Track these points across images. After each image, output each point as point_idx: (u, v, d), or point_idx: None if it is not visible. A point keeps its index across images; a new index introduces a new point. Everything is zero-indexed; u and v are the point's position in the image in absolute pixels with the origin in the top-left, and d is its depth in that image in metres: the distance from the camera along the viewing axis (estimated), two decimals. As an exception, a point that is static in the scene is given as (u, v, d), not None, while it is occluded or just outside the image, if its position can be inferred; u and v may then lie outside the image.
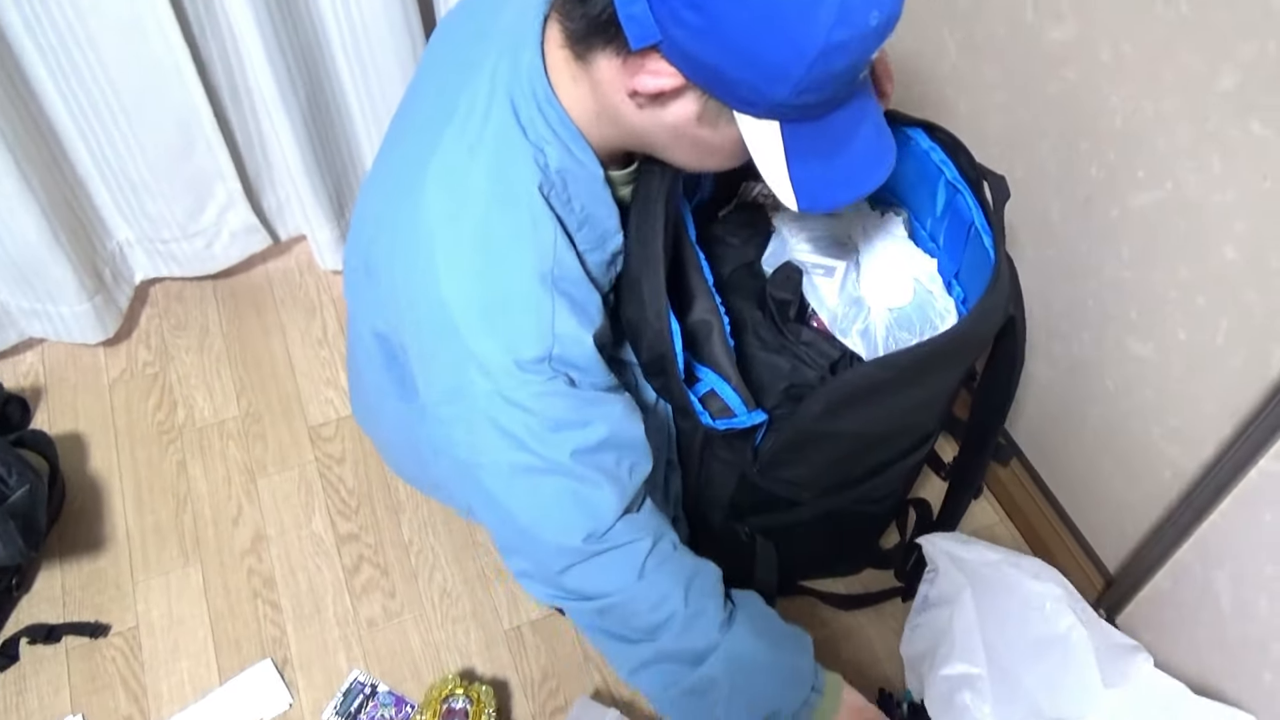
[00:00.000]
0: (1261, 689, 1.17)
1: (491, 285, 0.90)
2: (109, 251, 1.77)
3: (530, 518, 0.98)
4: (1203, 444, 1.21)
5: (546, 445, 0.93)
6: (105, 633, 1.48)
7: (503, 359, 0.90)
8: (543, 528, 0.98)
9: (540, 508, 0.97)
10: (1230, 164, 1.06)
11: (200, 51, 1.59)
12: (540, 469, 0.94)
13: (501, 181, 0.91)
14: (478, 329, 0.90)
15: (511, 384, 0.91)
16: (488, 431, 0.93)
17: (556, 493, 0.96)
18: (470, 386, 0.92)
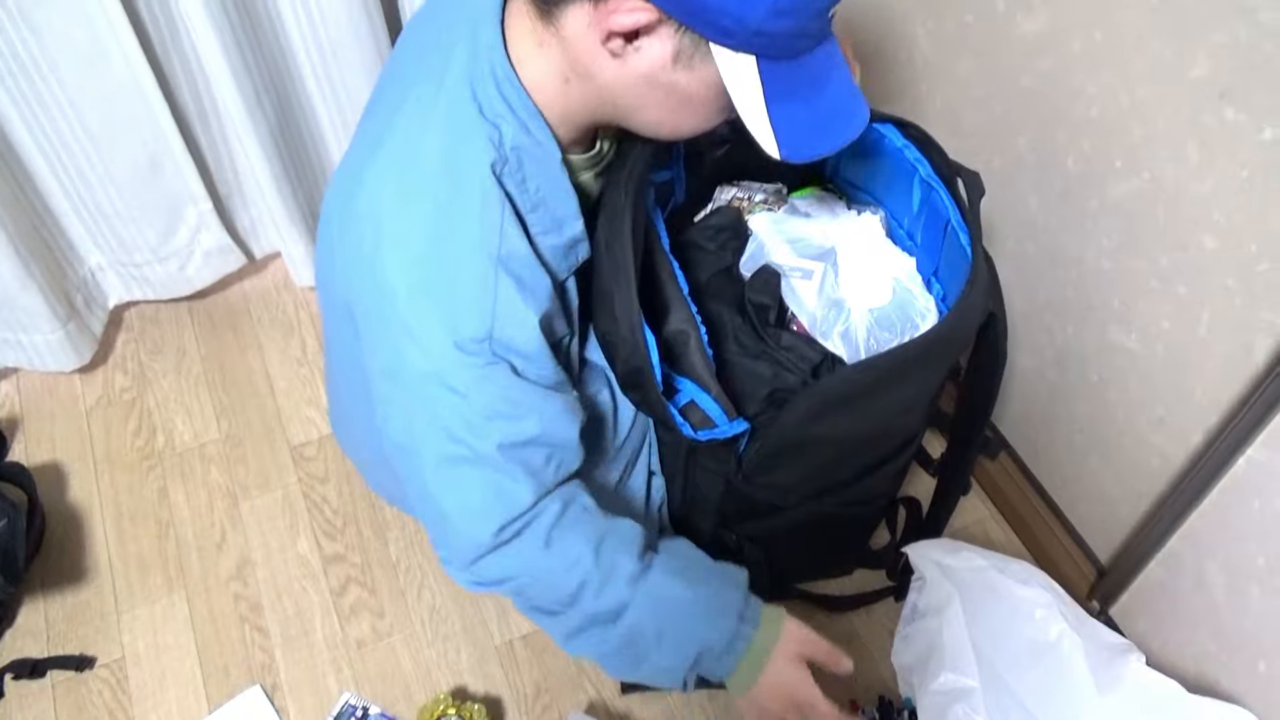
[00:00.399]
0: (1257, 678, 1.17)
1: (435, 262, 0.88)
2: (80, 277, 1.75)
3: (450, 507, 0.97)
4: (1190, 433, 1.20)
5: (475, 434, 0.92)
6: (91, 665, 1.46)
7: (442, 338, 0.88)
8: (460, 518, 0.97)
9: (460, 498, 0.96)
10: (1207, 152, 1.05)
11: (165, 73, 1.57)
12: (467, 459, 0.93)
13: (452, 159, 0.89)
14: (419, 306, 0.89)
15: (448, 365, 0.89)
16: (420, 414, 0.92)
17: (478, 484, 0.94)
18: (408, 365, 0.90)
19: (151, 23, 1.51)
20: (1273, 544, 1.10)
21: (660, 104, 0.90)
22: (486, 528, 0.95)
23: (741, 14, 0.79)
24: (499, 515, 0.95)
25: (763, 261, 1.21)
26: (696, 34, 0.82)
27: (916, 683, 1.21)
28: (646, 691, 1.41)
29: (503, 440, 0.92)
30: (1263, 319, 1.05)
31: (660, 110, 0.92)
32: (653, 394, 1.04)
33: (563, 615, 1.01)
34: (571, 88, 0.91)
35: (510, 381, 0.92)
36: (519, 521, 0.96)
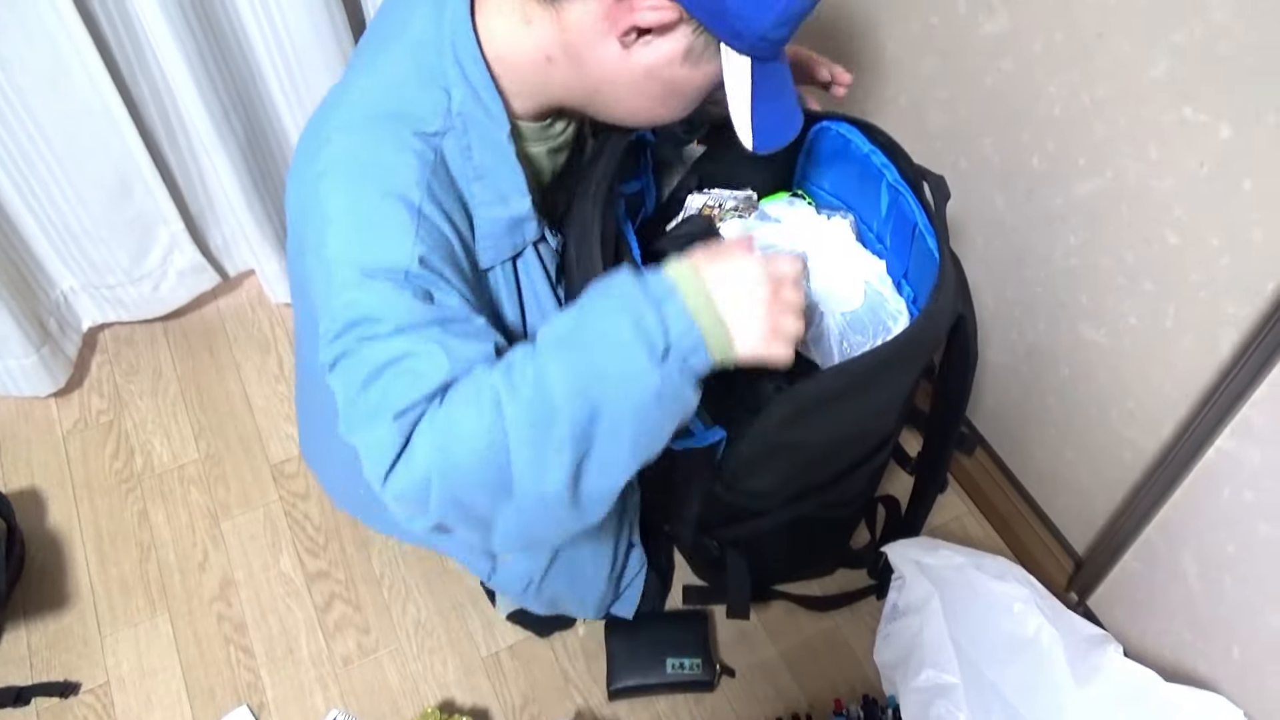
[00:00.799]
0: (1232, 665, 1.18)
1: (358, 202, 0.87)
2: (53, 300, 1.74)
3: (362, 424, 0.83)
4: (1160, 425, 1.22)
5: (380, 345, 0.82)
6: (76, 691, 1.45)
7: (352, 268, 0.84)
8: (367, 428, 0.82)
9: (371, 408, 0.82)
10: (1166, 150, 1.07)
11: (131, 94, 1.56)
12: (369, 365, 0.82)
13: (389, 114, 0.89)
14: (342, 238, 0.86)
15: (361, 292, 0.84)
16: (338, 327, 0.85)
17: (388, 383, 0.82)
18: (328, 281, 0.86)
19: (115, 42, 1.50)
20: (1243, 532, 1.12)
21: (648, 95, 0.94)
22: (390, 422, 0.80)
23: (754, 20, 0.85)
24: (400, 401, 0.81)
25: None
26: (710, 35, 0.88)
27: (899, 680, 1.22)
28: (633, 698, 1.42)
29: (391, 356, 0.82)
30: (1227, 312, 1.07)
31: (644, 100, 0.95)
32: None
33: (504, 460, 0.79)
34: (554, 67, 0.93)
35: (420, 306, 0.84)
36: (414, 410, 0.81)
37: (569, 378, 0.78)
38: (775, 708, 1.42)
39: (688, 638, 1.43)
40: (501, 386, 0.78)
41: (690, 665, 1.40)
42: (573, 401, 0.78)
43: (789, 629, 1.50)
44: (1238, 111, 0.98)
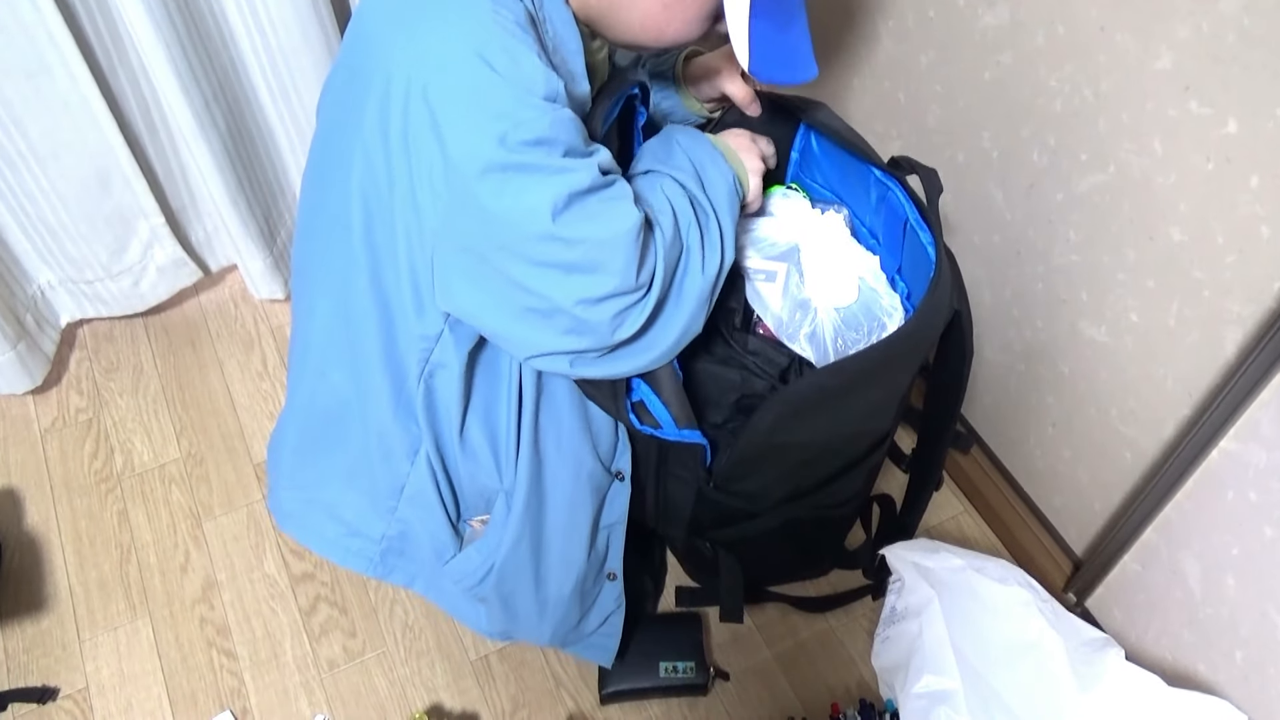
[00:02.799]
0: (1235, 668, 1.17)
1: (485, 38, 0.86)
2: (30, 296, 1.70)
3: (590, 248, 0.89)
4: (1162, 425, 1.20)
5: (574, 169, 0.88)
6: (54, 697, 1.42)
7: (522, 95, 0.86)
8: (603, 252, 0.89)
9: (593, 242, 0.89)
10: (1171, 145, 1.05)
11: (110, 86, 1.53)
12: (583, 191, 0.88)
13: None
14: (479, 69, 0.85)
15: (532, 115, 0.85)
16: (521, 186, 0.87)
17: (599, 213, 0.89)
18: (491, 137, 0.85)
19: (95, 35, 1.46)
20: (1247, 535, 1.10)
21: (656, 6, 0.95)
22: (631, 231, 0.90)
23: None
24: (628, 217, 0.90)
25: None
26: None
27: (898, 686, 1.20)
28: (626, 701, 1.40)
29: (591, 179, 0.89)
30: (1232, 310, 1.05)
31: (652, 9, 0.95)
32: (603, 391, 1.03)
33: (686, 239, 0.97)
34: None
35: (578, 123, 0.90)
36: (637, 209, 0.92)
37: (706, 192, 0.99)
38: (770, 711, 1.39)
39: (680, 640, 1.41)
40: (675, 198, 0.96)
41: (683, 669, 1.38)
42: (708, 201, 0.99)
43: (783, 631, 1.47)
44: (1244, 106, 0.96)
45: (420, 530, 1.16)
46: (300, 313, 1.16)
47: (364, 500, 1.16)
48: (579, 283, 0.89)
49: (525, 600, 1.20)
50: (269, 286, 1.82)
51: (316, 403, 1.15)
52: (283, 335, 1.85)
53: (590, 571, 1.20)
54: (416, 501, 1.14)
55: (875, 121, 1.53)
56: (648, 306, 0.92)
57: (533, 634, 1.27)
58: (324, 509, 1.19)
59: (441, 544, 1.17)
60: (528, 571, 1.18)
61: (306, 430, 1.17)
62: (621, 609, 1.28)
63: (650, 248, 0.91)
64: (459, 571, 1.18)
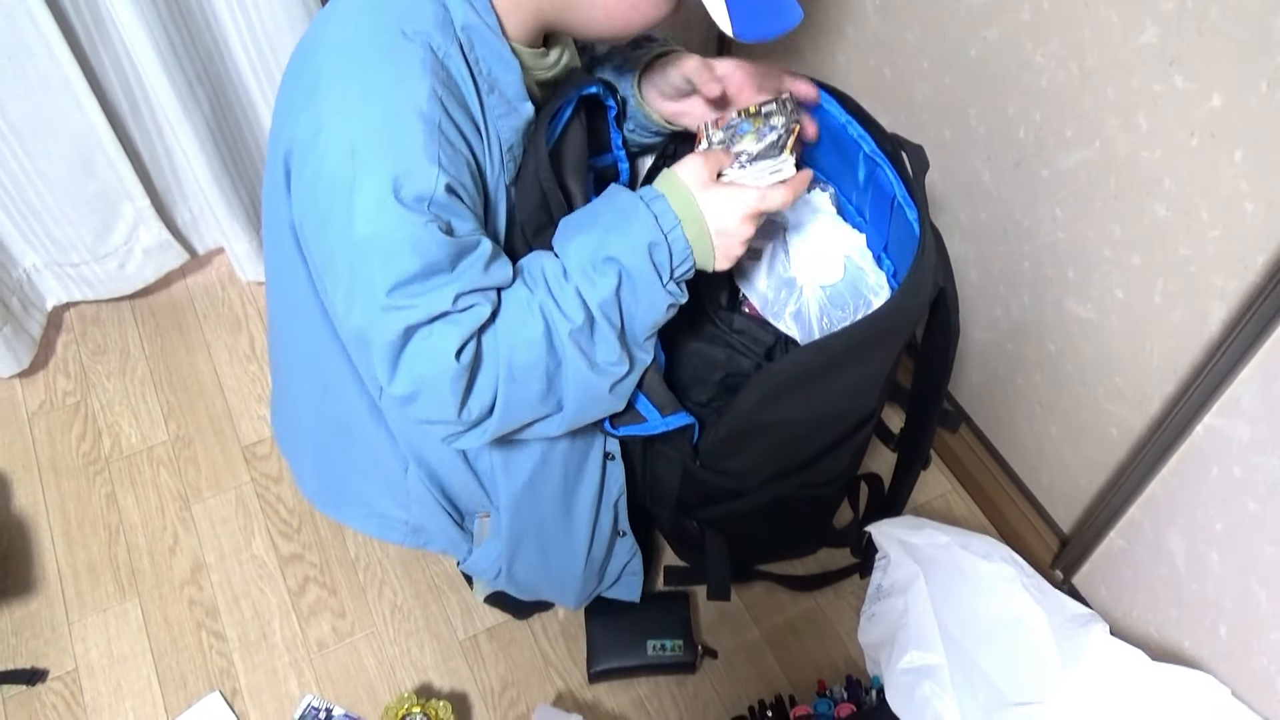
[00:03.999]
0: (1219, 642, 1.17)
1: (373, 125, 0.85)
2: (15, 279, 1.69)
3: (413, 382, 0.89)
4: (1148, 401, 1.20)
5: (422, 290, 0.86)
6: (43, 678, 1.42)
7: (373, 198, 0.84)
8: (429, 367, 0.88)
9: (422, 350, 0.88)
10: (1156, 120, 1.04)
11: (93, 67, 1.51)
12: (419, 324, 0.87)
13: (386, 27, 0.87)
14: (358, 164, 0.85)
15: (390, 220, 0.84)
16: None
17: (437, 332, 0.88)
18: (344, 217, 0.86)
19: (76, 15, 1.45)
20: (1231, 510, 1.10)
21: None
22: (451, 362, 0.87)
23: None
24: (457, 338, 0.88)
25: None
26: None
27: (883, 661, 1.21)
28: (614, 680, 1.40)
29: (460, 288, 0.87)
30: (1216, 285, 1.05)
31: (618, 6, 0.92)
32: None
33: (563, 359, 0.92)
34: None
35: (444, 239, 0.87)
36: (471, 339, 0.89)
37: (601, 294, 0.91)
38: (758, 689, 1.40)
39: (669, 619, 1.41)
40: (545, 304, 0.90)
41: (671, 647, 1.38)
42: (607, 313, 0.92)
43: (771, 609, 1.48)
44: (1228, 80, 0.95)
45: (433, 525, 1.21)
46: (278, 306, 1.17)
47: (384, 495, 1.20)
48: (412, 410, 0.91)
49: (542, 584, 1.29)
50: (255, 269, 1.81)
51: (323, 411, 1.17)
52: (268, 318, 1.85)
53: (599, 545, 1.24)
54: (422, 504, 1.18)
55: (862, 98, 1.50)
56: (485, 432, 0.93)
57: (559, 602, 1.39)
58: (353, 496, 1.23)
59: (454, 540, 1.23)
60: (536, 567, 1.23)
61: (322, 432, 1.20)
62: (638, 553, 1.31)
63: (476, 385, 0.90)
64: (475, 568, 1.26)
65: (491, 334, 0.90)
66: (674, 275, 0.94)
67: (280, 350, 1.21)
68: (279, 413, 1.33)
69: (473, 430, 0.93)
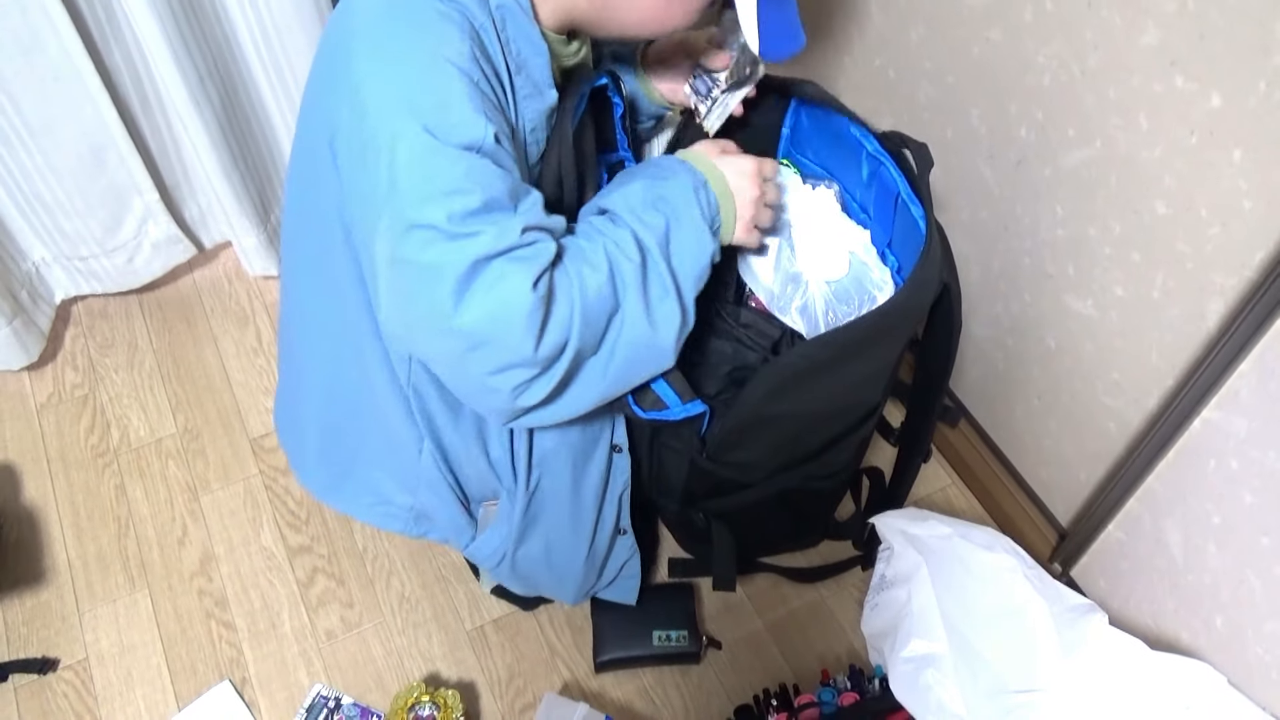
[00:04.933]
0: (1215, 633, 1.19)
1: (414, 72, 0.86)
2: (24, 272, 1.71)
3: (484, 323, 0.85)
4: (1146, 396, 1.22)
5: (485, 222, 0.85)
6: (54, 667, 1.44)
7: (432, 138, 0.84)
8: (500, 309, 0.85)
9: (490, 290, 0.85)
10: (1156, 120, 1.07)
11: (104, 61, 1.53)
12: (488, 257, 0.84)
13: (426, 6, 0.88)
14: (413, 108, 0.85)
15: (445, 165, 0.84)
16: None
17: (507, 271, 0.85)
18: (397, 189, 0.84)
19: (89, 9, 1.46)
20: (1228, 503, 1.13)
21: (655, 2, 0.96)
22: (528, 294, 0.85)
23: None
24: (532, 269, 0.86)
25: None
26: None
27: (886, 650, 1.23)
28: (619, 670, 1.42)
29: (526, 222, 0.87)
30: (1215, 281, 1.07)
31: (653, 6, 0.96)
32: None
33: (623, 302, 0.92)
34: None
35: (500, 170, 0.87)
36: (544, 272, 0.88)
37: (655, 234, 0.94)
38: (761, 679, 1.42)
39: (674, 610, 1.43)
40: (607, 245, 0.91)
41: (676, 637, 1.40)
42: (664, 252, 0.94)
43: (774, 601, 1.50)
44: (1228, 80, 0.98)
45: (439, 511, 1.21)
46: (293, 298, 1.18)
47: (390, 479, 1.21)
48: (478, 356, 0.86)
49: (543, 576, 1.28)
50: (263, 263, 1.83)
51: (335, 392, 1.18)
52: (276, 312, 1.85)
53: (601, 539, 1.25)
54: (431, 488, 1.18)
55: (866, 98, 1.55)
56: (552, 376, 0.89)
57: (556, 596, 1.39)
58: (357, 482, 1.23)
59: (459, 525, 1.23)
60: (541, 554, 1.24)
61: (329, 416, 1.21)
62: (637, 554, 1.32)
63: (551, 321, 0.86)
64: (478, 554, 1.25)
65: (562, 271, 0.88)
66: (711, 225, 0.99)
67: (295, 336, 1.21)
68: (283, 401, 1.34)
69: (542, 376, 0.88)
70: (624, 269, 0.91)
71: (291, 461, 1.32)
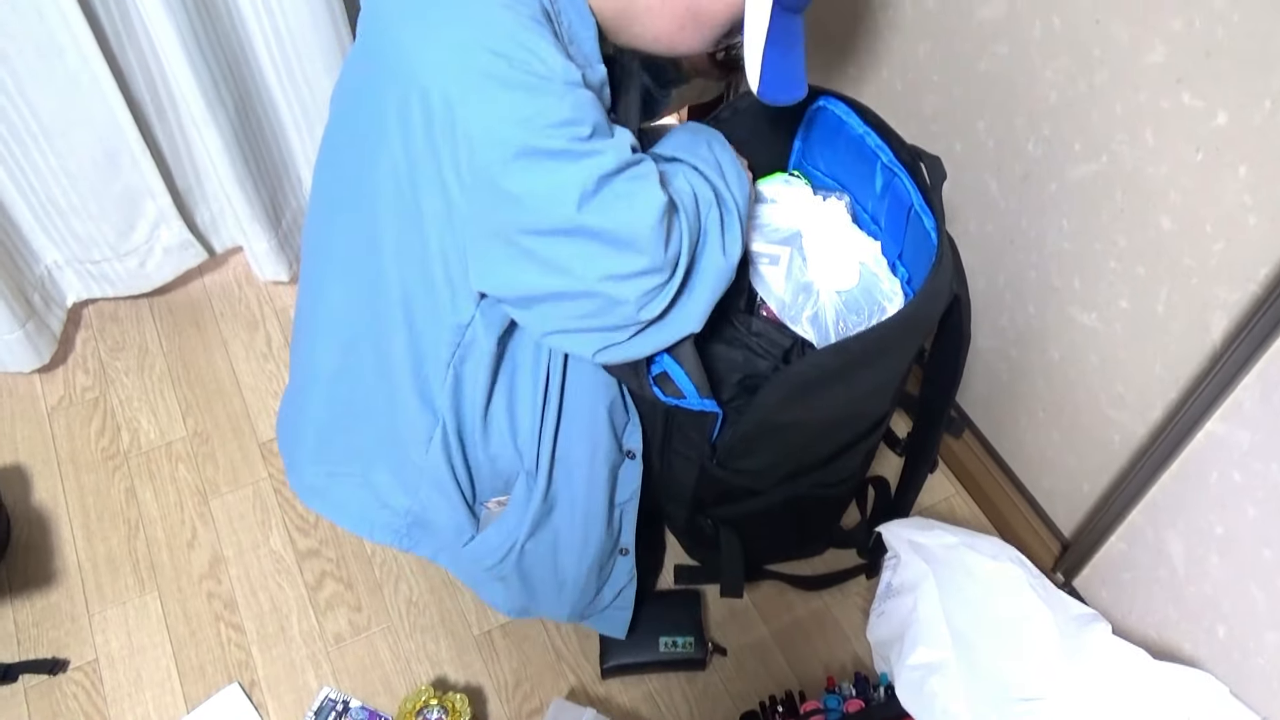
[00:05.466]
0: (1217, 643, 1.21)
1: (496, 23, 0.88)
2: (37, 276, 1.72)
3: (618, 228, 0.92)
4: (1150, 408, 1.24)
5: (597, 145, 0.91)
6: (64, 668, 1.45)
7: (530, 77, 0.88)
8: (633, 217, 0.92)
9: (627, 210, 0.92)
10: (1163, 136, 1.08)
11: (120, 66, 1.54)
12: (611, 173, 0.91)
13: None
14: (504, 51, 0.88)
15: (553, 101, 0.88)
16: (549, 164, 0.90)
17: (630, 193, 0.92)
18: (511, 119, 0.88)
19: (105, 14, 1.48)
20: (1231, 514, 1.14)
21: (677, 19, 0.98)
22: (660, 199, 0.92)
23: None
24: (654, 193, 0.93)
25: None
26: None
27: (893, 658, 1.24)
28: (626, 675, 1.43)
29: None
30: (1219, 296, 1.09)
31: (672, 24, 0.98)
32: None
33: (706, 222, 1.00)
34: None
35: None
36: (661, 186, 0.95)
37: (709, 169, 1.03)
38: (767, 685, 1.43)
39: (680, 616, 1.44)
40: (688, 173, 1.00)
41: (683, 644, 1.41)
42: (725, 178, 1.04)
43: (780, 608, 1.51)
44: (1234, 98, 0.99)
45: (440, 510, 1.20)
46: (313, 295, 1.18)
47: (390, 477, 1.19)
48: (607, 262, 0.92)
49: (545, 578, 1.26)
50: (274, 268, 1.84)
51: (340, 385, 1.17)
52: (287, 317, 1.87)
53: (606, 548, 1.25)
54: (435, 484, 1.17)
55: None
56: (674, 286, 0.95)
57: (551, 610, 1.33)
58: (353, 481, 1.22)
59: (460, 525, 1.21)
60: (548, 550, 1.23)
61: (330, 410, 1.20)
62: (633, 583, 1.33)
63: (675, 229, 0.94)
64: (478, 552, 1.23)
65: (670, 187, 0.96)
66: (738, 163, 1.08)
67: (307, 331, 1.20)
68: (287, 402, 1.33)
69: (667, 284, 0.95)
70: (704, 192, 1.00)
71: (285, 462, 1.31)
